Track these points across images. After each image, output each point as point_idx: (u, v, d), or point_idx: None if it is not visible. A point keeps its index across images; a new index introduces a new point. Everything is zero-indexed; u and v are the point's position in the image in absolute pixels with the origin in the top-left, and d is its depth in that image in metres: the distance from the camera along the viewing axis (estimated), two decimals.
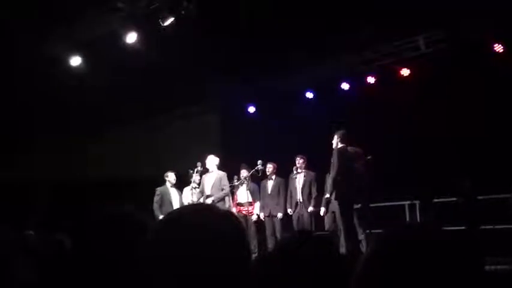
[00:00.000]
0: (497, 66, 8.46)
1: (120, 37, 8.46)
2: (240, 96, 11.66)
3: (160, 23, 8.15)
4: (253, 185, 9.11)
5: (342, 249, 6.90)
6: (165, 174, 9.11)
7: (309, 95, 10.96)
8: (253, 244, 8.60)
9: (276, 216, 8.80)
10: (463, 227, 7.22)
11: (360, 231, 7.12)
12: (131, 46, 8.51)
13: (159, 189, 9.00)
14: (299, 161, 8.61)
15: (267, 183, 9.04)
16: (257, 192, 9.10)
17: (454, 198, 7.90)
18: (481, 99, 8.44)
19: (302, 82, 10.83)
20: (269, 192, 8.95)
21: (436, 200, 8.29)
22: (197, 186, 8.76)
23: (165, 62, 8.96)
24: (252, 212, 9.00)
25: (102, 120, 11.05)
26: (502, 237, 7.49)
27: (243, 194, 8.98)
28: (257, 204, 9.05)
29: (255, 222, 9.01)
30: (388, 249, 0.96)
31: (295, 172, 8.66)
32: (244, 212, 8.89)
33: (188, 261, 1.02)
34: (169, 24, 8.14)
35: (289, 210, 8.69)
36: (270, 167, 8.97)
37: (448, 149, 8.57)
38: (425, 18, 8.41)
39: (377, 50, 9.94)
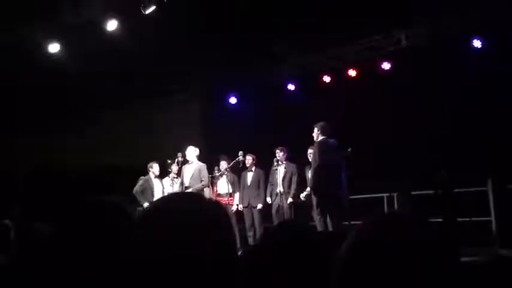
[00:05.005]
0: (475, 61, 8.58)
1: (100, 24, 8.34)
2: (223, 86, 11.62)
3: (142, 11, 8.05)
4: (233, 177, 9.08)
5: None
6: (149, 165, 9.03)
7: (291, 86, 10.96)
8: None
9: (255, 207, 8.79)
10: (440, 219, 7.33)
11: (331, 223, 7.09)
12: (112, 33, 8.39)
13: (142, 179, 8.96)
14: (279, 154, 8.47)
15: (246, 175, 9.01)
16: (237, 183, 9.09)
17: (432, 191, 8.01)
18: (457, 94, 8.56)
19: (284, 74, 10.84)
20: (248, 184, 8.93)
21: (414, 193, 8.40)
22: (176, 176, 8.72)
23: (146, 49, 8.85)
24: (231, 203, 8.99)
25: (84, 107, 10.89)
26: (478, 229, 7.66)
27: (223, 185, 8.93)
28: (236, 195, 9.03)
29: (234, 212, 8.98)
30: (367, 240, 0.97)
31: (275, 164, 8.54)
32: (224, 202, 8.86)
33: (175, 247, 1.01)
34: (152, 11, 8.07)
35: (268, 199, 8.65)
36: (249, 159, 8.93)
37: (426, 142, 8.67)
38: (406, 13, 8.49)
39: (358, 44, 9.98)
